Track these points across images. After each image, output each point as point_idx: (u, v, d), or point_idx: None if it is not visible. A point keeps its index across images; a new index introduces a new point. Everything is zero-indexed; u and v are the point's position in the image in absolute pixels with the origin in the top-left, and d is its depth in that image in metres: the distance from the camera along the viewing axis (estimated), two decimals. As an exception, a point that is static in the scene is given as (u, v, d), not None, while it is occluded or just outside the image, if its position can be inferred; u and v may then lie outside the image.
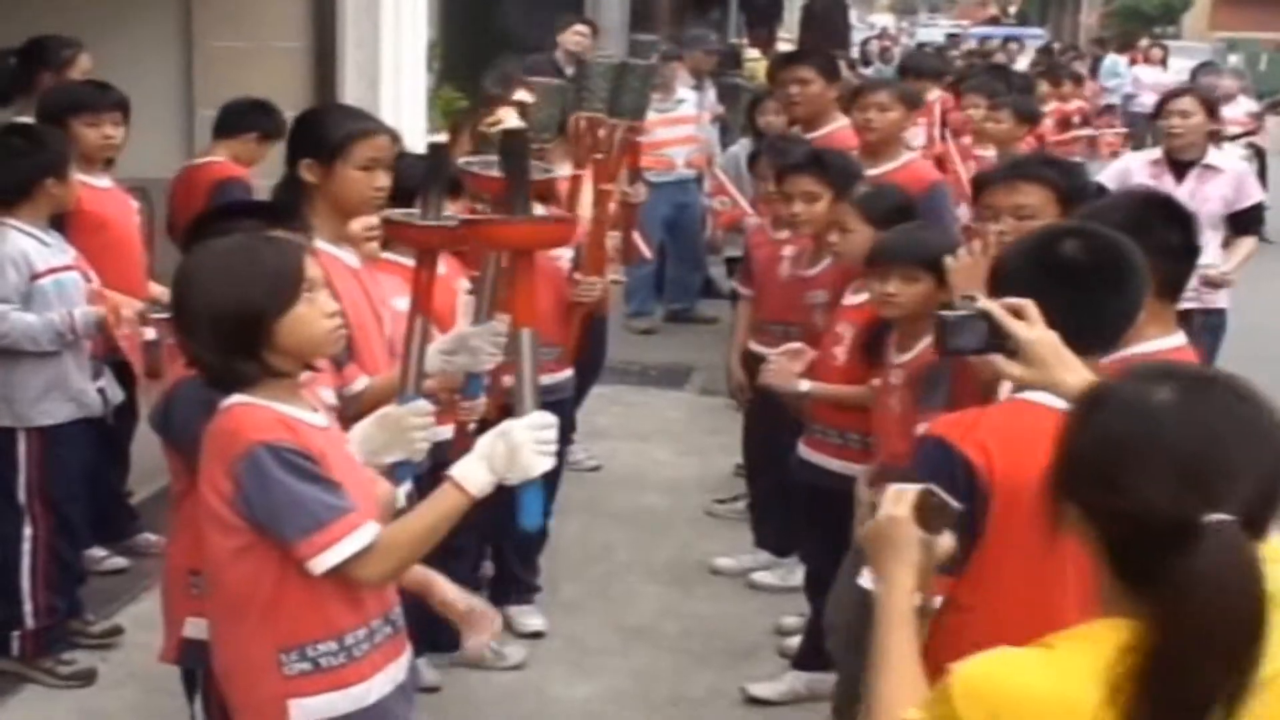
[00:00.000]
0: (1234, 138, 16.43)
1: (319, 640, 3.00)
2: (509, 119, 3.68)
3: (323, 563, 2.89)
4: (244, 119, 6.77)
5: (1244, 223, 7.33)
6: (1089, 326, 2.93)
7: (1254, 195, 7.36)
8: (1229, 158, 7.60)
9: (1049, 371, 2.72)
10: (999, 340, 2.74)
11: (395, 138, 4.29)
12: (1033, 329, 2.73)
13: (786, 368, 5.11)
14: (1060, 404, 2.80)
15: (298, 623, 2.98)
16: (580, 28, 10.98)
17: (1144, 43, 24.97)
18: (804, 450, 5.29)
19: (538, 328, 3.06)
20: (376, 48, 8.14)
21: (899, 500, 2.36)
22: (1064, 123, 13.42)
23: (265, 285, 2.94)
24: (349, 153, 4.07)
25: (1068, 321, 2.84)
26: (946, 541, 2.39)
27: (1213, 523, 1.84)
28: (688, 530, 6.95)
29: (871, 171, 6.03)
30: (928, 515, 2.35)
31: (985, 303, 2.78)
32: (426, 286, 3.55)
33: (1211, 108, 7.33)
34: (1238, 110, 16.98)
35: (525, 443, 2.90)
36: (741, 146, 9.20)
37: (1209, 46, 32.34)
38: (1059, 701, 1.90)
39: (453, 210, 3.98)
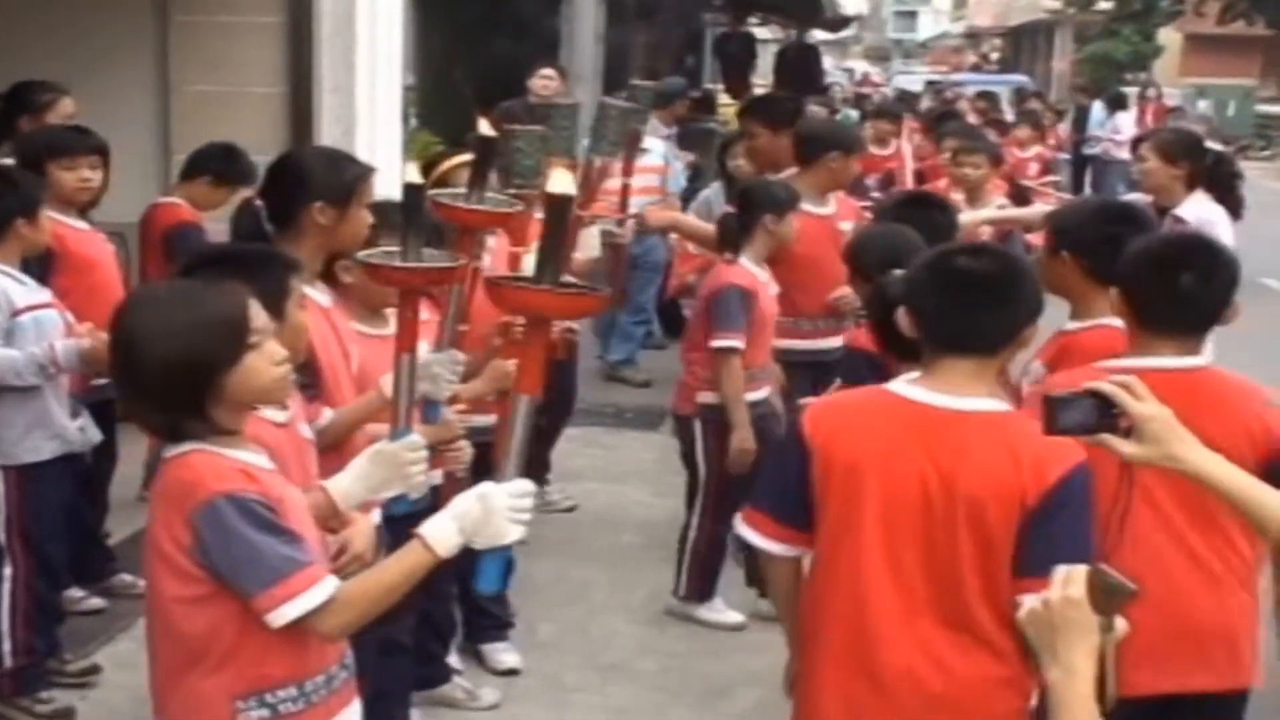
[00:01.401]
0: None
1: (279, 686, 2.97)
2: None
3: (281, 616, 2.85)
4: (200, 162, 6.84)
5: None
6: (969, 330, 3.25)
7: None
8: (1199, 208, 7.23)
9: (1165, 447, 2.72)
10: (1110, 418, 2.72)
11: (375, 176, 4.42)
12: (1146, 405, 2.71)
13: None
14: (919, 394, 3.23)
15: (258, 669, 2.95)
16: (547, 72, 11.00)
17: (1151, 91, 24.90)
18: None
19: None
20: (352, 93, 8.24)
21: (1070, 582, 2.25)
22: (1019, 170, 13.47)
23: (214, 336, 2.88)
24: (362, 193, 4.21)
25: (952, 325, 3.26)
26: (1122, 625, 2.27)
27: None
28: (664, 569, 6.96)
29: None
30: (1100, 596, 2.23)
31: (1096, 382, 2.75)
32: (410, 326, 3.60)
33: (1169, 153, 6.90)
34: (1205, 154, 17.14)
35: (501, 509, 2.89)
36: (713, 190, 9.24)
37: (1179, 93, 32.61)
38: None
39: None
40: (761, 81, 23.25)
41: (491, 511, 2.89)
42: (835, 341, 6.52)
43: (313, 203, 4.15)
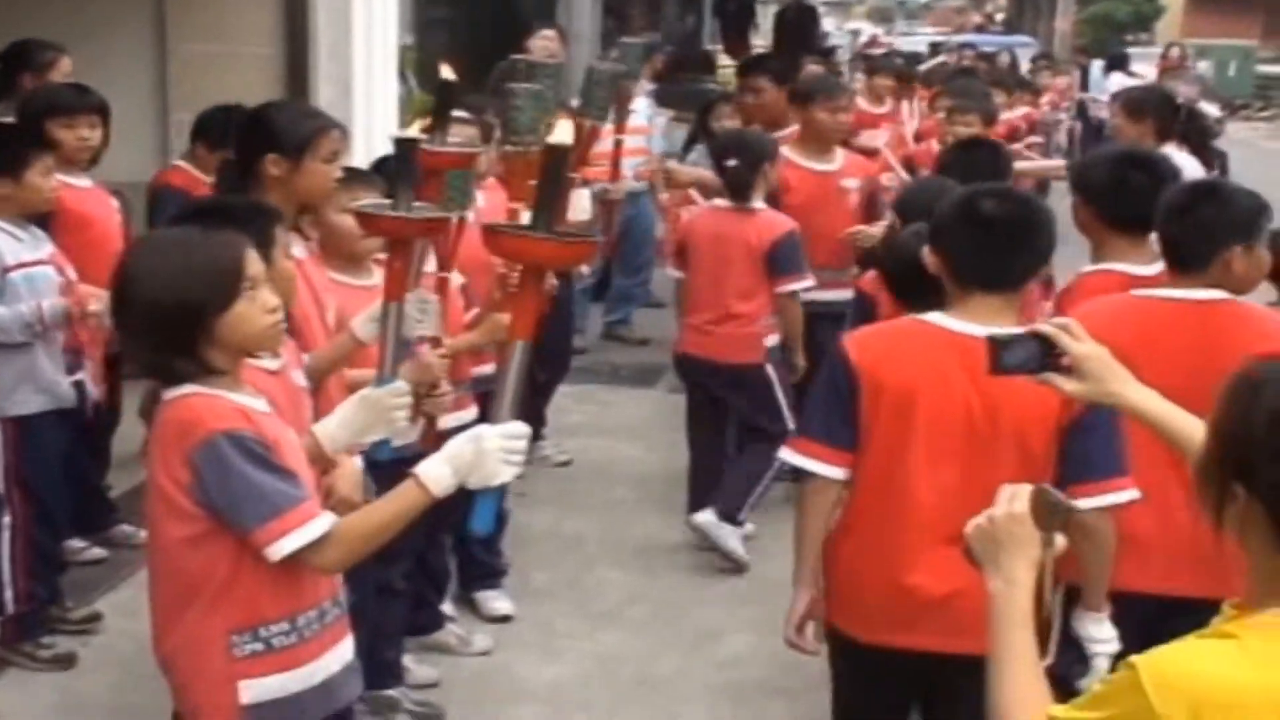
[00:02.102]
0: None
1: (272, 621, 3.07)
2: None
3: (279, 549, 2.95)
4: (197, 127, 6.91)
5: None
6: (999, 269, 3.57)
7: None
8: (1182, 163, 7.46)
9: (1103, 384, 2.86)
10: (1053, 357, 2.85)
11: (345, 132, 4.53)
12: (1084, 344, 2.85)
13: None
14: (956, 325, 3.49)
15: (252, 605, 3.05)
16: (548, 33, 11.00)
17: (1175, 50, 24.45)
18: None
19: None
20: (349, 53, 8.32)
21: (1015, 498, 2.37)
22: (1011, 133, 13.42)
23: (206, 281, 2.98)
24: (316, 146, 4.29)
25: (982, 265, 3.56)
26: (1061, 541, 2.38)
27: None
28: (655, 519, 7.09)
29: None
30: (1043, 513, 2.34)
31: (1037, 324, 2.90)
32: (400, 274, 3.70)
33: (1133, 109, 7.03)
34: (1198, 115, 17.18)
35: (494, 450, 2.97)
36: (699, 153, 9.30)
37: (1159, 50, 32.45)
38: (1263, 691, 1.94)
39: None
40: (761, 43, 23.23)
41: (484, 453, 2.97)
42: (831, 294, 6.71)
43: (267, 154, 4.27)
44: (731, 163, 6.56)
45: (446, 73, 3.91)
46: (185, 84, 8.15)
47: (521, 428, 3.02)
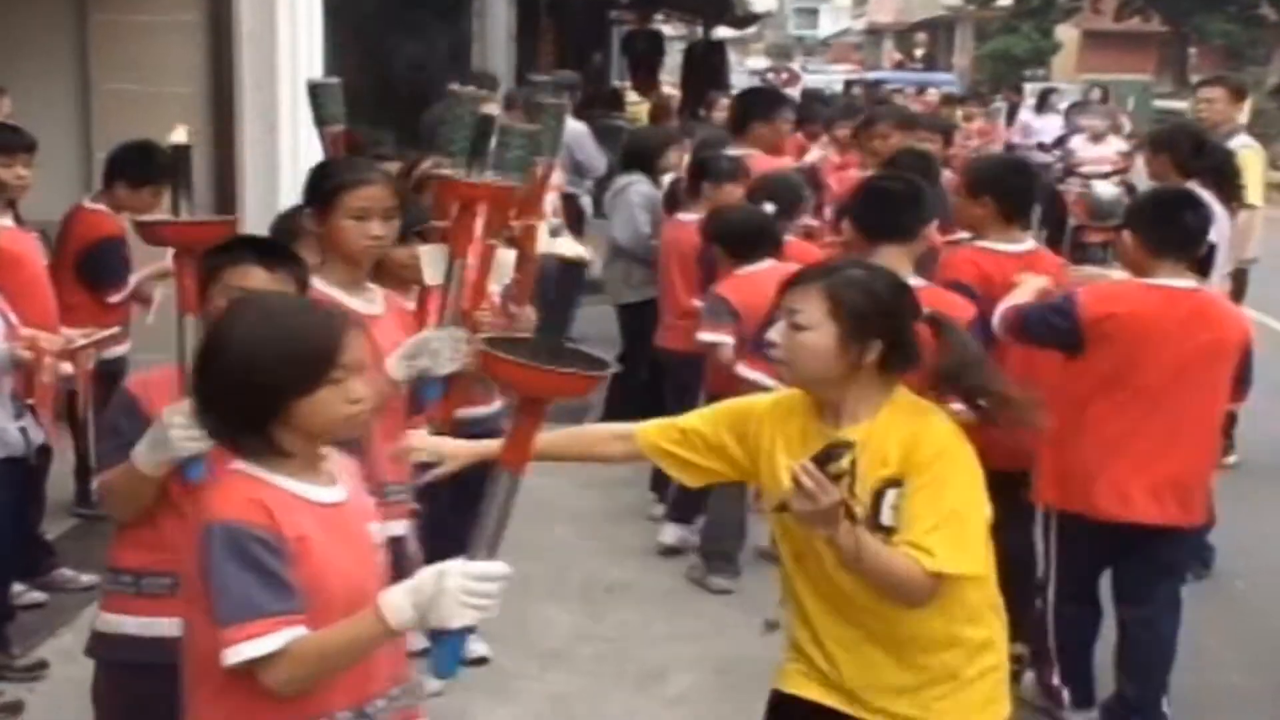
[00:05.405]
0: (1105, 175, 16.91)
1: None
2: None
3: (229, 656, 2.75)
4: (114, 166, 6.83)
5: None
6: (895, 224, 5.07)
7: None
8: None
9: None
10: None
11: (391, 187, 4.37)
12: None
13: None
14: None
15: (251, 707, 2.82)
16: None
17: (1096, 92, 24.17)
18: None
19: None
20: (274, 91, 8.22)
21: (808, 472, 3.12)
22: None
23: (292, 362, 2.82)
24: (340, 203, 4.21)
25: (883, 222, 5.08)
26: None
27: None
28: (596, 558, 7.08)
29: None
30: (827, 468, 3.09)
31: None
32: (190, 288, 3.51)
33: (1156, 143, 7.74)
34: (1109, 149, 17.45)
35: (453, 590, 2.65)
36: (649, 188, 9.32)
37: (1078, 87, 32.95)
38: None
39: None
40: (669, 79, 23.36)
41: (442, 592, 2.66)
42: None
43: (307, 206, 4.32)
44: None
45: (500, 116, 3.87)
46: (109, 122, 8.02)
47: (497, 568, 2.70)
